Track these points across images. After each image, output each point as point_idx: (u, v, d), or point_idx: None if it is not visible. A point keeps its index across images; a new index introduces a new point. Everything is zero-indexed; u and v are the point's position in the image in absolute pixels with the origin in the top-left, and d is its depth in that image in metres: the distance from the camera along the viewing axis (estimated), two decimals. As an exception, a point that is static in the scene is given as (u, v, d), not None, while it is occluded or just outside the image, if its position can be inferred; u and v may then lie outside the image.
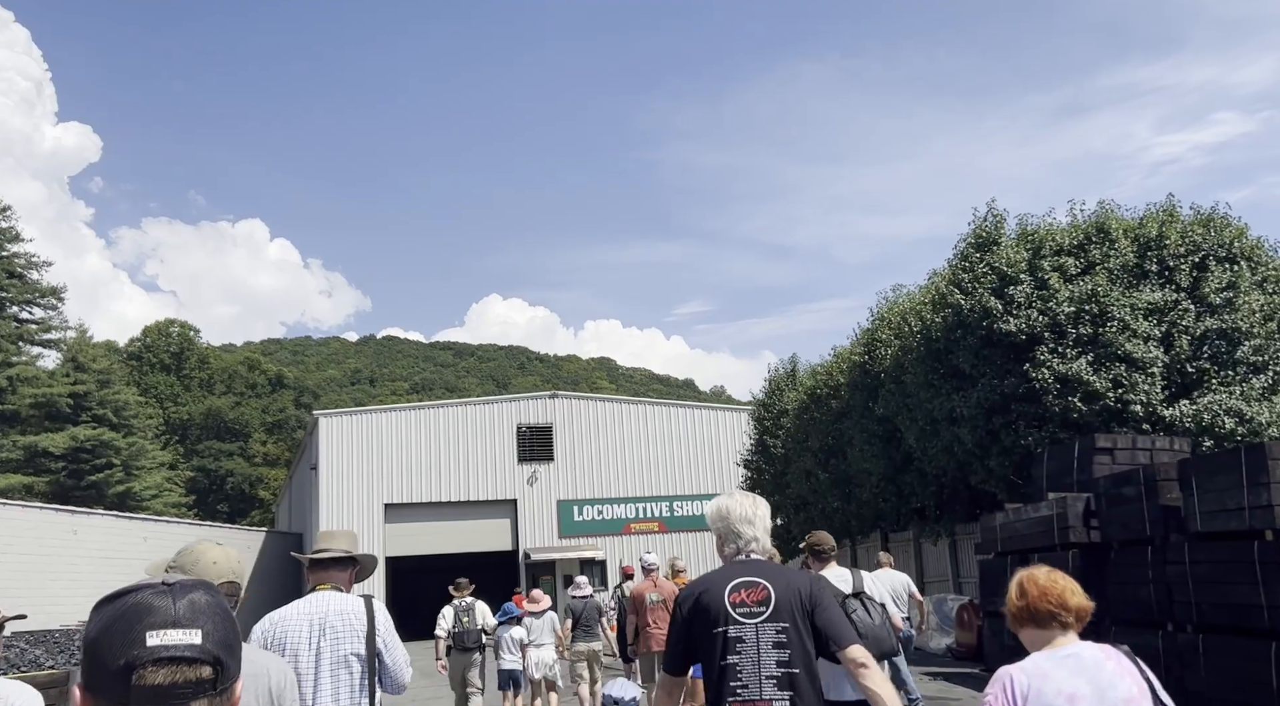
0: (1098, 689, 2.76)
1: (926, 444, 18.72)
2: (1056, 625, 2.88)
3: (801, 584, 3.31)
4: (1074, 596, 2.92)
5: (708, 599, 3.29)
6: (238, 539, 34.05)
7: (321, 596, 4.06)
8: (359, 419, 34.09)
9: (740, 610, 3.23)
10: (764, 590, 3.26)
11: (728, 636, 3.20)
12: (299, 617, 3.95)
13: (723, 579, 3.34)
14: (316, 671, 3.87)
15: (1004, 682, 2.82)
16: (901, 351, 19.52)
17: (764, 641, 3.19)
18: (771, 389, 31.21)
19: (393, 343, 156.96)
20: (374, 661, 3.97)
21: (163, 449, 75.93)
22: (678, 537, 35.52)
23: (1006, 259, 16.44)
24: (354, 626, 3.96)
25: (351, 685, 3.92)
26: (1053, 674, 2.78)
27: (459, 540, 32.40)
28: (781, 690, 3.14)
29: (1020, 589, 2.96)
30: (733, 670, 3.17)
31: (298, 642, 3.89)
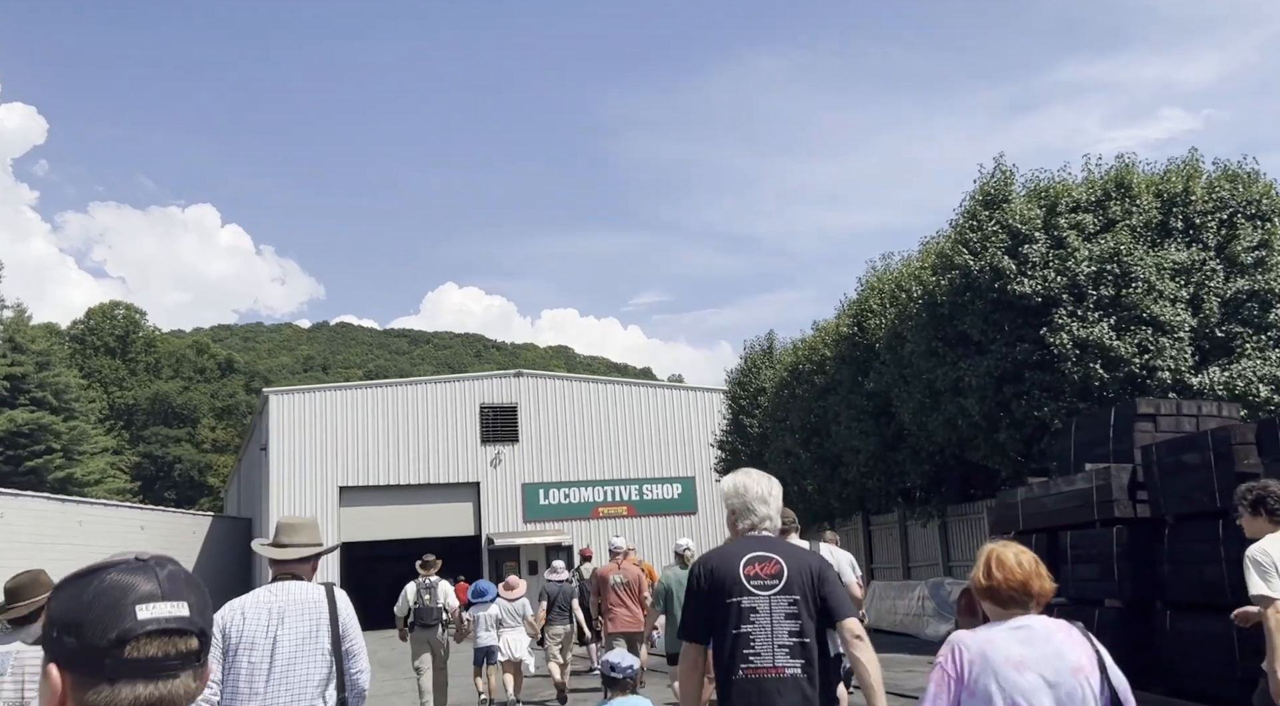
0: (1045, 657, 2.83)
1: (925, 418, 17.50)
2: (1016, 606, 2.95)
3: (811, 560, 3.47)
4: (1038, 580, 2.98)
5: (723, 571, 3.40)
6: (182, 524, 32.09)
7: (282, 586, 3.96)
8: (312, 397, 32.24)
9: (754, 582, 3.36)
10: (777, 564, 3.40)
11: (742, 607, 3.33)
12: (258, 606, 3.85)
13: (737, 552, 3.47)
14: (272, 661, 3.74)
15: (954, 648, 2.92)
16: (898, 319, 18.28)
17: (777, 612, 3.32)
18: (747, 367, 29.93)
19: (346, 330, 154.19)
20: (338, 650, 3.85)
21: (106, 434, 73.24)
22: (647, 521, 34.17)
23: (1020, 215, 15.23)
24: (314, 615, 3.86)
25: (309, 676, 3.80)
26: (1001, 642, 2.86)
27: (418, 525, 30.75)
28: (794, 658, 3.28)
29: (988, 569, 3.00)
30: (746, 638, 3.30)
31: (254, 632, 3.77)
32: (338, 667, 3.89)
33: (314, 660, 3.84)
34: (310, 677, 3.81)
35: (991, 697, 2.80)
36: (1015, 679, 2.80)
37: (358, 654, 3.99)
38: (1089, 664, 2.87)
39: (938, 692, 2.90)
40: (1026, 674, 2.80)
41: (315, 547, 4.15)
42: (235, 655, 3.77)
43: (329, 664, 3.86)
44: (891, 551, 24.35)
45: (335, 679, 3.88)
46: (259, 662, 3.75)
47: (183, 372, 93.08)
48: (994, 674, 2.81)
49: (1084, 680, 2.84)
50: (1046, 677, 2.81)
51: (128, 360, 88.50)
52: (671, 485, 35.01)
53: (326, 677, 3.85)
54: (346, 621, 3.97)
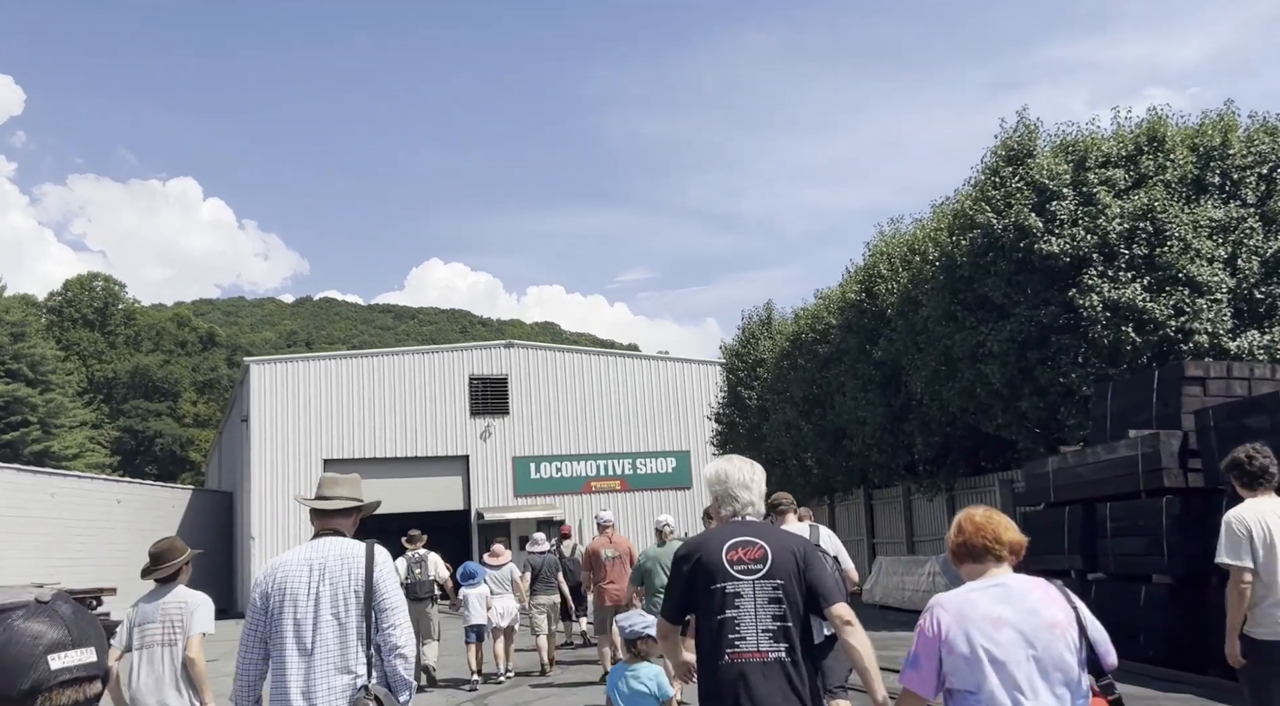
0: (1021, 613, 2.88)
1: (939, 387, 16.73)
2: (991, 558, 3.01)
3: (795, 544, 3.47)
4: (1007, 531, 3.04)
5: (706, 556, 3.42)
6: (159, 497, 31.10)
7: (322, 541, 3.97)
8: (295, 367, 31.23)
9: (738, 567, 3.38)
10: (760, 549, 3.40)
11: (725, 592, 3.34)
12: (299, 562, 3.88)
13: (720, 538, 3.48)
14: (316, 616, 3.77)
15: (933, 611, 2.97)
16: (911, 284, 17.45)
17: (760, 597, 3.32)
18: (745, 337, 29.11)
19: (330, 305, 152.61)
20: (370, 608, 3.81)
21: (85, 407, 71.98)
22: (641, 496, 33.41)
23: (1046, 171, 14.38)
24: (352, 570, 3.86)
25: (350, 629, 3.80)
26: (979, 601, 2.92)
27: (406, 499, 29.84)
28: (777, 642, 3.30)
29: (958, 527, 3.07)
30: (731, 623, 3.30)
31: (297, 587, 3.81)
32: (369, 626, 3.86)
33: (355, 617, 3.83)
34: (352, 632, 3.80)
35: (971, 656, 2.86)
36: (993, 635, 2.86)
37: (388, 609, 3.88)
38: (1066, 619, 2.91)
39: (919, 653, 2.96)
40: (1004, 630, 2.86)
41: (357, 501, 4.13)
42: (280, 612, 3.79)
43: (364, 621, 3.84)
44: (895, 526, 23.68)
45: (367, 636, 3.85)
46: (304, 618, 3.77)
47: (163, 346, 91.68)
48: (972, 632, 2.87)
49: (1060, 635, 2.89)
50: (1024, 634, 2.86)
51: (107, 333, 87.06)
52: (665, 459, 34.24)
53: (362, 635, 3.83)
54: (382, 577, 3.90)
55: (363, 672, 3.80)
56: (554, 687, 11.49)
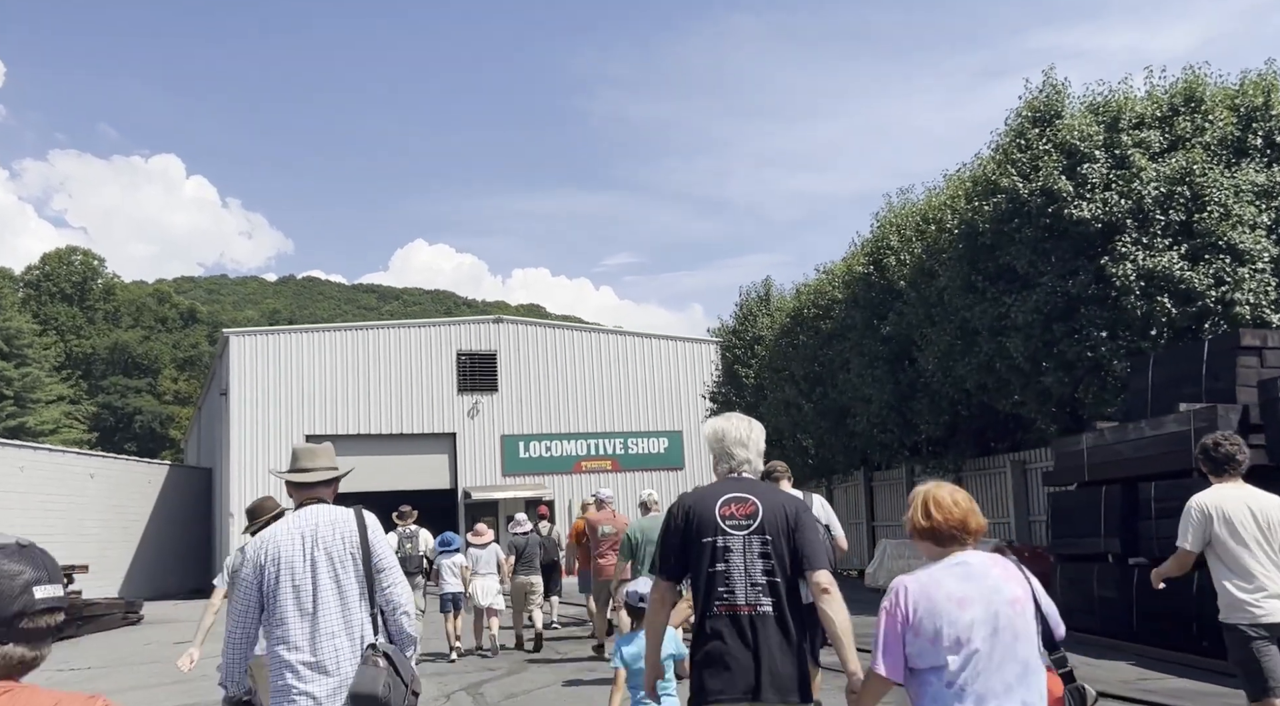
0: (984, 591, 2.90)
1: (954, 362, 15.94)
2: (955, 544, 2.99)
3: (787, 503, 3.49)
4: (974, 517, 3.02)
5: (699, 510, 3.46)
6: (135, 473, 30.10)
7: (309, 510, 3.95)
8: (276, 339, 30.20)
9: (730, 522, 3.41)
10: (752, 505, 3.44)
11: (716, 545, 3.39)
12: (290, 532, 3.87)
13: (714, 493, 3.52)
14: (315, 582, 3.77)
15: (898, 591, 2.94)
16: (926, 254, 16.63)
17: (750, 551, 3.37)
18: (742, 314, 28.29)
19: (314, 284, 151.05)
20: (368, 565, 3.84)
21: (62, 382, 70.68)
22: (632, 476, 32.58)
23: (1077, 132, 13.56)
24: (344, 533, 3.88)
25: (350, 591, 3.80)
26: (944, 580, 2.91)
27: (391, 477, 28.95)
28: (766, 596, 3.33)
29: (925, 510, 3.03)
30: (721, 576, 3.36)
31: (292, 556, 3.80)
32: (371, 586, 3.87)
33: (354, 578, 3.84)
34: (353, 594, 3.81)
35: (935, 634, 2.86)
36: (957, 615, 2.87)
37: (386, 569, 3.92)
38: (1024, 596, 2.96)
39: (887, 635, 2.94)
40: (968, 609, 2.87)
41: (335, 470, 4.16)
42: (278, 582, 3.77)
43: (363, 582, 3.85)
44: (896, 508, 22.94)
45: (368, 597, 3.86)
46: (303, 586, 3.76)
47: (143, 322, 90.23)
48: (936, 611, 2.87)
49: (1020, 611, 2.93)
50: (987, 611, 2.88)
51: (85, 308, 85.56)
52: (658, 439, 33.43)
53: (362, 596, 3.84)
54: (375, 539, 3.95)
55: (369, 632, 3.81)
56: (550, 663, 11.28)
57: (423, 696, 4.62)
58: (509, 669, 10.94)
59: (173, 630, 17.94)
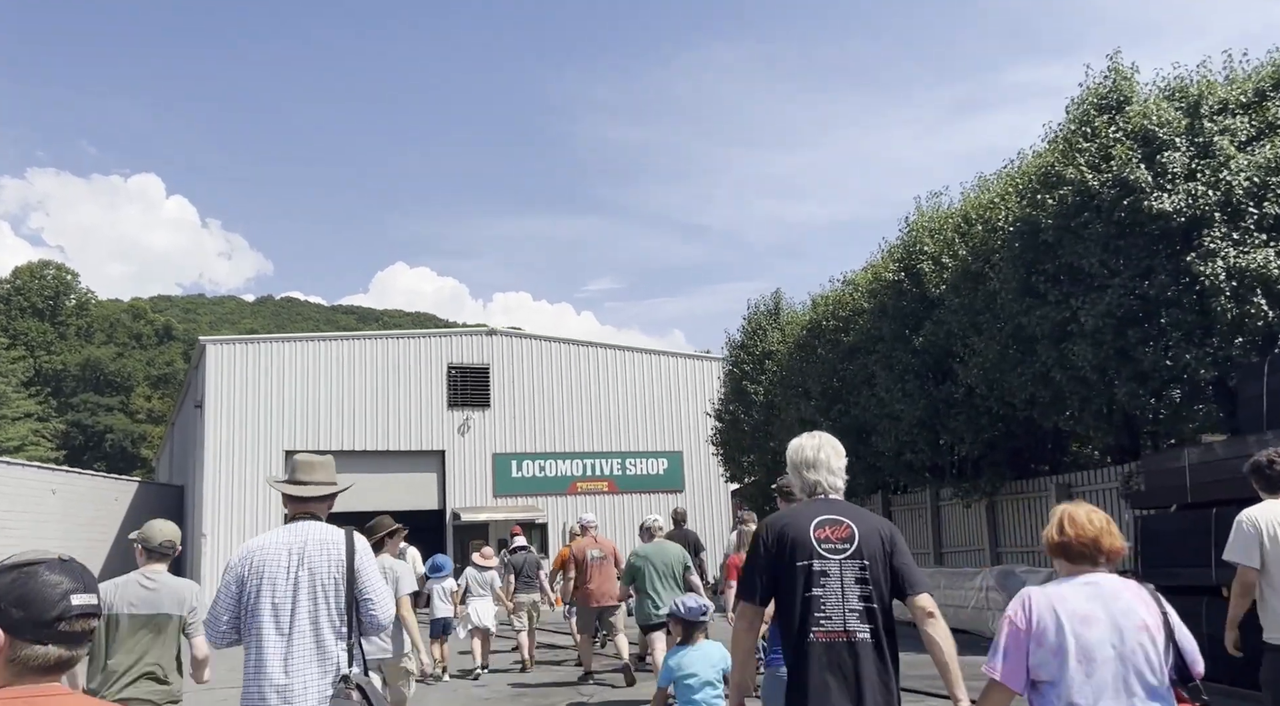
0: (1112, 614, 2.88)
1: (1004, 373, 14.60)
2: (1087, 562, 3.01)
3: (882, 526, 3.44)
4: (1109, 538, 3.02)
5: (792, 533, 3.34)
6: (101, 489, 28.23)
7: (300, 526, 3.88)
8: (256, 348, 28.53)
9: (825, 545, 3.31)
10: (848, 528, 3.35)
11: (812, 569, 3.28)
12: (278, 546, 3.78)
13: (806, 515, 3.41)
14: (294, 600, 3.69)
15: (1024, 602, 2.97)
16: (974, 256, 15.32)
17: (848, 576, 3.27)
18: (750, 328, 26.94)
19: (293, 304, 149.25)
20: (353, 594, 3.76)
21: (30, 398, 68.45)
22: (630, 499, 31.04)
23: (1155, 118, 12.31)
24: (333, 555, 3.78)
25: (330, 615, 3.72)
26: (1070, 597, 2.93)
27: (376, 496, 27.23)
28: (864, 623, 3.24)
29: (1060, 526, 3.05)
30: (817, 602, 3.25)
31: (275, 571, 3.72)
32: (353, 613, 3.77)
33: (334, 604, 3.73)
34: (331, 621, 3.71)
35: (1059, 649, 2.85)
36: (1082, 633, 2.86)
37: (371, 598, 3.82)
38: (1154, 623, 2.91)
39: (1008, 645, 2.93)
40: (1094, 628, 2.87)
41: (333, 486, 4.07)
42: (258, 596, 3.69)
43: (344, 609, 3.74)
44: (920, 535, 21.52)
45: (348, 624, 3.75)
46: (282, 603, 3.68)
47: (116, 338, 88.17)
48: (1062, 627, 2.87)
49: (1149, 639, 2.89)
50: (1113, 633, 2.86)
51: (57, 323, 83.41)
52: (657, 460, 31.91)
53: (342, 623, 3.73)
54: (364, 564, 3.84)
55: (343, 662, 3.70)
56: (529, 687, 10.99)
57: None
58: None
59: (136, 661, 16.22)
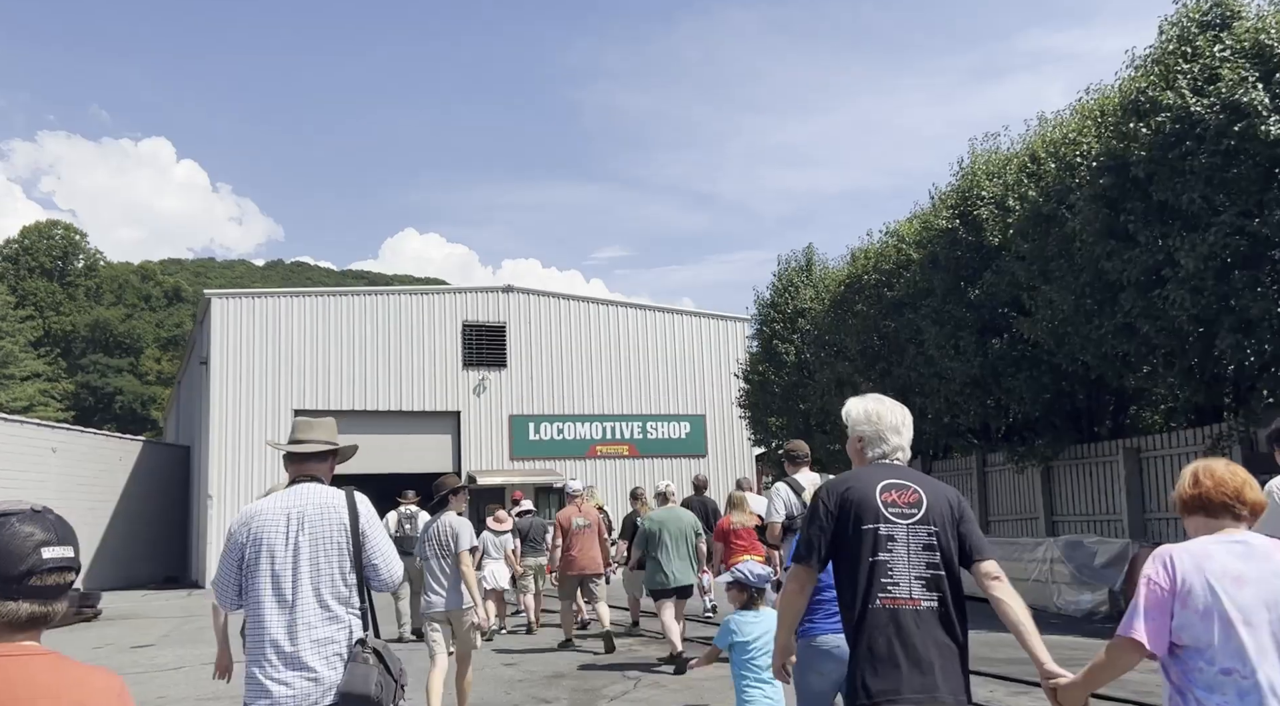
0: (1264, 575, 2.68)
1: (1079, 325, 13.29)
2: (1229, 516, 2.80)
3: (949, 493, 3.36)
4: (1251, 490, 2.83)
5: (857, 496, 3.26)
6: (105, 449, 27.20)
7: (300, 488, 3.78)
8: (263, 303, 27.31)
9: (892, 510, 3.22)
10: (915, 493, 3.27)
11: (879, 534, 3.18)
12: (276, 511, 3.69)
13: (871, 478, 3.33)
14: (295, 566, 3.59)
15: (1164, 560, 2.76)
16: (1046, 197, 13.95)
17: (914, 542, 3.17)
18: (781, 285, 25.61)
19: (302, 270, 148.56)
20: (358, 554, 3.68)
21: (39, 358, 67.79)
22: (650, 463, 29.90)
23: (1273, 31, 10.89)
24: (333, 519, 3.68)
25: (334, 580, 3.62)
26: (1218, 555, 2.72)
27: (388, 458, 26.19)
28: (930, 591, 3.13)
29: (1195, 478, 2.88)
30: (884, 567, 3.15)
31: (274, 538, 3.62)
32: (359, 577, 3.69)
33: (338, 568, 3.64)
34: (337, 586, 3.62)
35: (1207, 612, 2.65)
36: (1234, 593, 2.65)
37: (378, 564, 3.75)
38: None
39: (1149, 605, 2.72)
40: (1245, 588, 2.66)
41: (333, 445, 3.94)
42: (257, 563, 3.60)
43: (349, 573, 3.66)
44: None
45: (355, 588, 3.67)
46: (282, 571, 3.58)
47: (126, 299, 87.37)
48: (1211, 587, 2.67)
49: None
50: (1266, 595, 2.66)
51: (65, 284, 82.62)
52: (679, 423, 30.73)
53: (348, 587, 3.65)
54: (369, 526, 3.75)
55: (356, 627, 3.62)
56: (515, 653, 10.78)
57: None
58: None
59: (134, 629, 15.17)
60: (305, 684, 3.47)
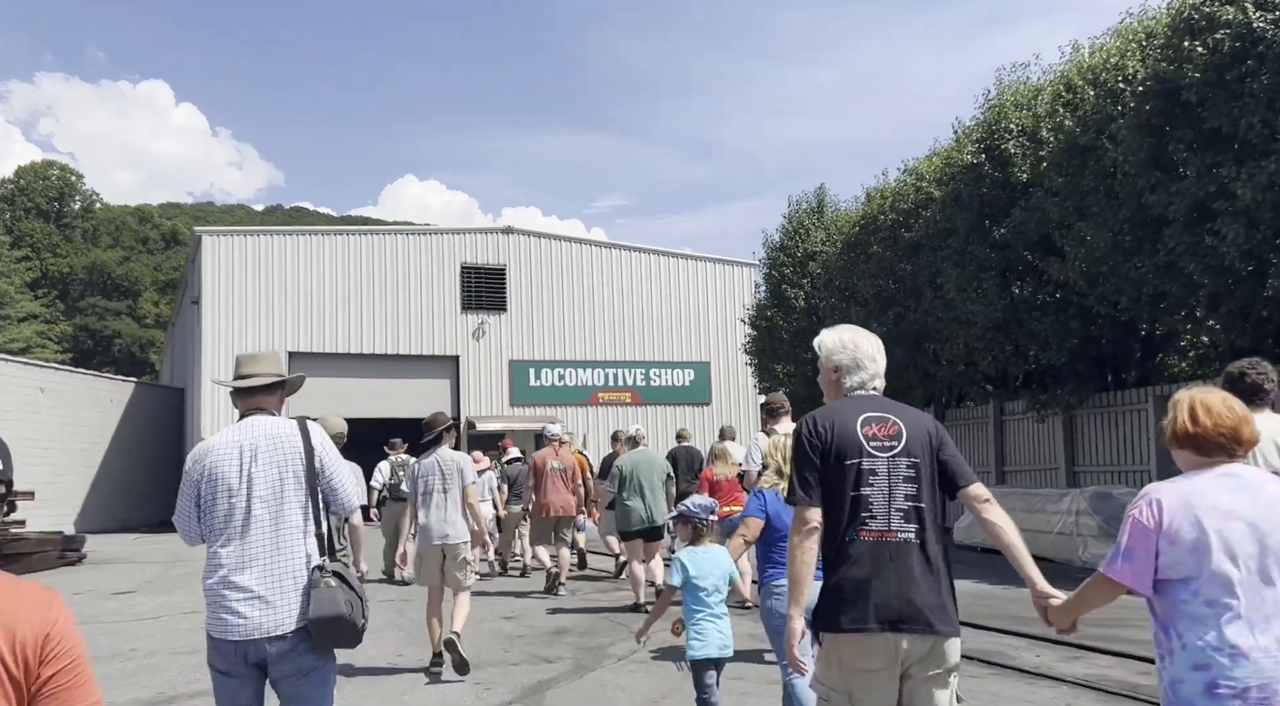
0: (1258, 507, 2.65)
1: (1116, 265, 12.48)
2: (1222, 454, 2.76)
3: (927, 422, 3.31)
4: (1247, 426, 2.78)
5: (840, 430, 3.20)
6: (96, 389, 26.54)
7: (250, 421, 3.75)
8: (257, 242, 26.45)
9: (874, 443, 3.17)
10: (895, 425, 3.21)
11: (861, 468, 3.14)
12: (227, 446, 3.66)
13: (851, 411, 3.25)
14: (249, 500, 3.57)
15: (1150, 500, 2.73)
16: (1084, 127, 13.04)
17: (895, 475, 3.15)
18: (791, 228, 24.69)
19: (302, 214, 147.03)
20: (314, 484, 3.65)
21: (36, 300, 67.09)
22: (653, 410, 29.27)
23: (1349, -60, 9.92)
24: (286, 448, 3.65)
25: (291, 509, 3.60)
26: (1208, 490, 2.69)
27: (384, 402, 25.56)
28: (909, 522, 3.12)
29: (1192, 414, 2.79)
30: (864, 501, 3.13)
31: (228, 471, 3.60)
32: (316, 504, 3.66)
33: (293, 497, 3.62)
34: (291, 515, 3.60)
35: (1196, 546, 2.62)
36: (1223, 527, 2.62)
37: (338, 488, 3.73)
38: None
39: (1133, 544, 2.71)
40: (1235, 523, 2.62)
41: (279, 377, 3.90)
42: (214, 498, 3.59)
43: (309, 500, 3.64)
44: (980, 452, 19.66)
45: (314, 516, 3.65)
46: (236, 504, 3.58)
47: (123, 242, 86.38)
48: (1200, 523, 2.64)
49: None
50: (1258, 528, 2.63)
51: (62, 226, 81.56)
52: (683, 370, 30.02)
53: (305, 516, 3.63)
54: (323, 454, 3.71)
55: (313, 552, 3.59)
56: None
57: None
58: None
59: (118, 574, 14.60)
60: (264, 613, 3.45)
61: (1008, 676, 6.67)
